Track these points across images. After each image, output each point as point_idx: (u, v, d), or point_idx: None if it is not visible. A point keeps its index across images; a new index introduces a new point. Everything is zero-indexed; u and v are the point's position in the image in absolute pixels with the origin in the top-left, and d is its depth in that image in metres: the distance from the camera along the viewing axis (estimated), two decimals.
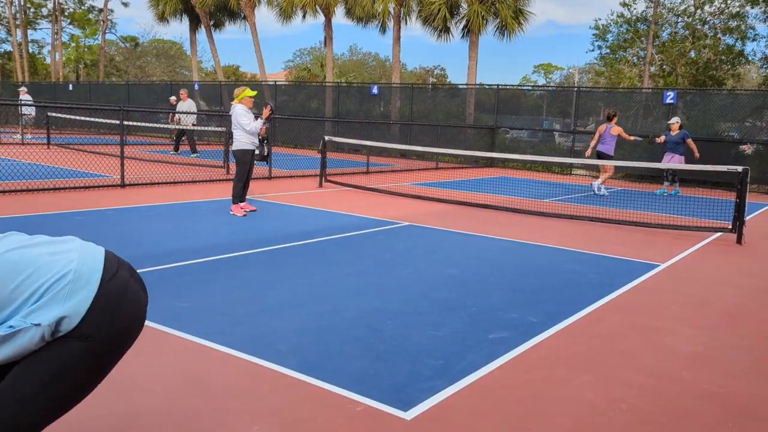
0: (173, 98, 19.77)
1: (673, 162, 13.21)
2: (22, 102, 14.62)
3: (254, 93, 8.43)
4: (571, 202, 11.58)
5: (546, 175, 18.04)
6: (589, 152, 13.58)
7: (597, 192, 13.21)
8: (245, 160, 8.38)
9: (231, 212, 8.42)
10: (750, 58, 27.07)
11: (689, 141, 13.35)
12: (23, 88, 21.47)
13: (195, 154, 17.44)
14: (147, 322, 4.06)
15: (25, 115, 20.39)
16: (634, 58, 28.65)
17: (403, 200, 10.79)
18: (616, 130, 13.04)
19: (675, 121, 13.63)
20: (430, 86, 32.17)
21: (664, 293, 5.47)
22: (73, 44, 49.27)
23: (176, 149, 17.81)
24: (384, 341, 3.93)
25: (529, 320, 4.50)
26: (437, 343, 3.94)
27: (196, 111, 16.81)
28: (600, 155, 13.11)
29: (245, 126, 8.19)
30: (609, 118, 13.24)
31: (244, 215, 8.34)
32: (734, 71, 26.65)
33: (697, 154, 13.37)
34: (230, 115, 8.46)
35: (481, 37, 23.55)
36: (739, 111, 16.93)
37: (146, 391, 3.10)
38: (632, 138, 13.54)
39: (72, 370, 1.75)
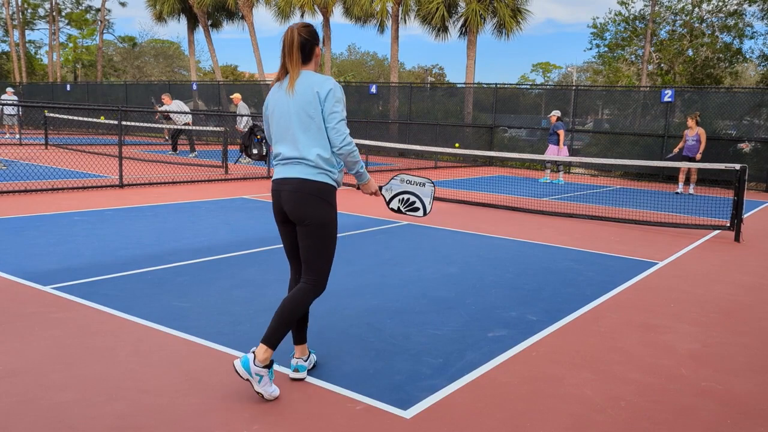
0: (163, 106, 20.90)
1: (548, 151, 14.77)
2: (5, 102, 14.72)
3: None
4: (570, 201, 11.59)
5: (544, 174, 18.03)
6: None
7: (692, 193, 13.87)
8: None
9: None
10: (748, 56, 27.12)
11: (560, 132, 14.71)
12: (9, 89, 21.52)
13: (193, 154, 17.45)
14: (146, 322, 4.07)
15: (9, 115, 20.45)
16: (632, 56, 28.68)
17: None
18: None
19: (553, 113, 15.03)
20: (428, 85, 32.17)
21: (662, 291, 5.48)
22: (70, 44, 49.24)
23: (174, 149, 17.82)
24: (383, 340, 3.94)
25: (528, 318, 4.51)
26: (437, 342, 3.95)
27: (185, 111, 16.90)
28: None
29: None
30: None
31: None
32: (732, 69, 26.69)
33: (561, 145, 14.74)
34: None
35: (479, 36, 23.57)
36: (737, 109, 16.95)
37: (146, 391, 3.11)
38: (677, 148, 14.02)
39: None
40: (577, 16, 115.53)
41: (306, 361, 3.35)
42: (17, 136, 19.95)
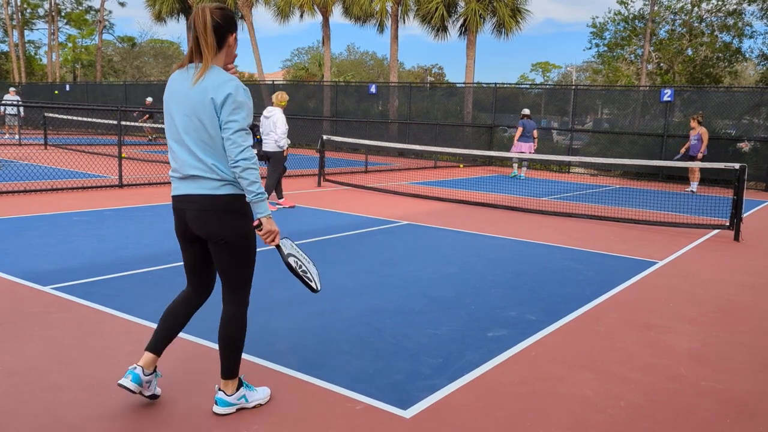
0: (149, 99, 21.30)
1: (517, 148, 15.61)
2: (6, 102, 14.75)
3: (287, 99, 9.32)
4: (569, 200, 11.60)
5: (544, 173, 18.06)
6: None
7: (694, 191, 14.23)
8: (283, 159, 9.08)
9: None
10: (747, 56, 27.15)
11: (519, 128, 15.68)
12: (12, 89, 21.61)
13: None
14: (146, 322, 4.07)
15: (11, 115, 20.50)
16: (632, 56, 28.70)
17: (401, 199, 10.80)
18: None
19: (523, 111, 15.98)
20: (428, 85, 32.16)
21: (662, 290, 5.49)
22: (69, 45, 49.21)
23: None
24: (383, 340, 3.94)
25: (528, 318, 4.51)
26: (436, 342, 3.95)
27: None
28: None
29: (285, 132, 8.91)
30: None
31: (276, 209, 9.01)
32: (731, 68, 26.70)
33: (515, 141, 15.73)
34: (266, 118, 8.97)
35: (478, 35, 23.58)
36: (737, 108, 16.96)
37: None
38: (683, 149, 14.48)
39: None
40: (577, 15, 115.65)
41: (147, 375, 2.88)
42: (16, 136, 19.95)
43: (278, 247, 2.88)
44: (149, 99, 23.61)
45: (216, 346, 3.71)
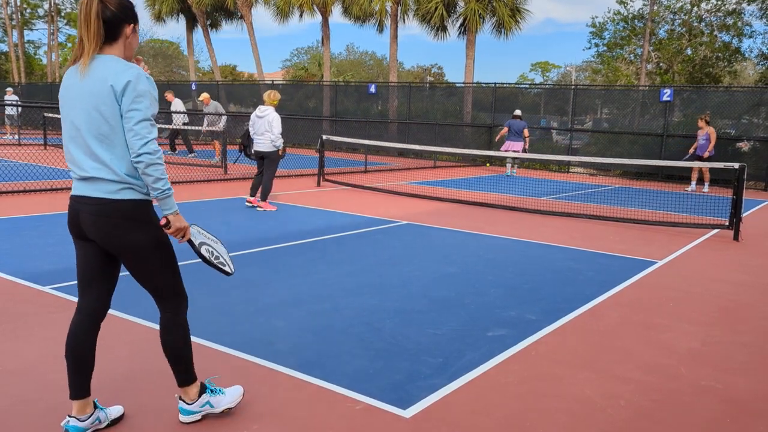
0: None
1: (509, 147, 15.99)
2: (6, 102, 14.79)
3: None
4: (569, 200, 11.60)
5: (544, 173, 18.06)
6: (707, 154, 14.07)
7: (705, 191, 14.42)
8: (278, 159, 9.07)
9: (261, 209, 8.90)
10: (746, 55, 27.15)
11: (504, 128, 16.30)
12: (9, 89, 21.63)
13: (192, 154, 17.43)
14: (146, 322, 4.07)
15: (9, 115, 20.54)
16: (631, 55, 28.70)
17: (401, 199, 10.80)
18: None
19: (515, 112, 16.34)
20: (427, 85, 32.15)
21: (661, 290, 5.49)
22: (69, 44, 49.18)
23: (173, 149, 17.80)
24: (383, 340, 3.94)
25: (528, 318, 4.51)
26: (436, 342, 3.95)
27: (184, 110, 16.88)
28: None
29: (280, 131, 8.89)
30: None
31: (276, 209, 9.02)
32: (731, 68, 26.70)
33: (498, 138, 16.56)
34: (259, 117, 8.91)
35: (478, 35, 23.56)
36: (736, 108, 16.96)
37: (146, 391, 3.11)
38: (691, 149, 14.69)
39: None
40: (576, 15, 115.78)
41: (84, 420, 2.66)
42: (16, 136, 19.96)
43: (190, 241, 2.71)
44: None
45: (212, 344, 3.72)
